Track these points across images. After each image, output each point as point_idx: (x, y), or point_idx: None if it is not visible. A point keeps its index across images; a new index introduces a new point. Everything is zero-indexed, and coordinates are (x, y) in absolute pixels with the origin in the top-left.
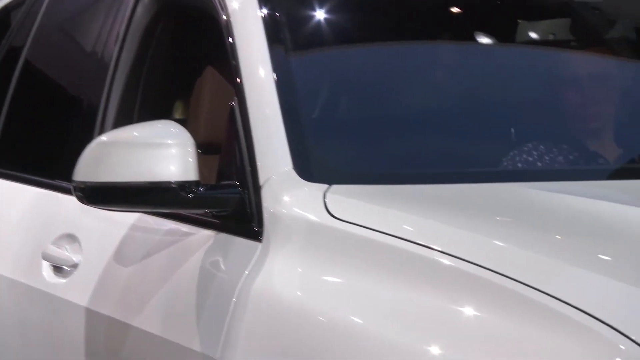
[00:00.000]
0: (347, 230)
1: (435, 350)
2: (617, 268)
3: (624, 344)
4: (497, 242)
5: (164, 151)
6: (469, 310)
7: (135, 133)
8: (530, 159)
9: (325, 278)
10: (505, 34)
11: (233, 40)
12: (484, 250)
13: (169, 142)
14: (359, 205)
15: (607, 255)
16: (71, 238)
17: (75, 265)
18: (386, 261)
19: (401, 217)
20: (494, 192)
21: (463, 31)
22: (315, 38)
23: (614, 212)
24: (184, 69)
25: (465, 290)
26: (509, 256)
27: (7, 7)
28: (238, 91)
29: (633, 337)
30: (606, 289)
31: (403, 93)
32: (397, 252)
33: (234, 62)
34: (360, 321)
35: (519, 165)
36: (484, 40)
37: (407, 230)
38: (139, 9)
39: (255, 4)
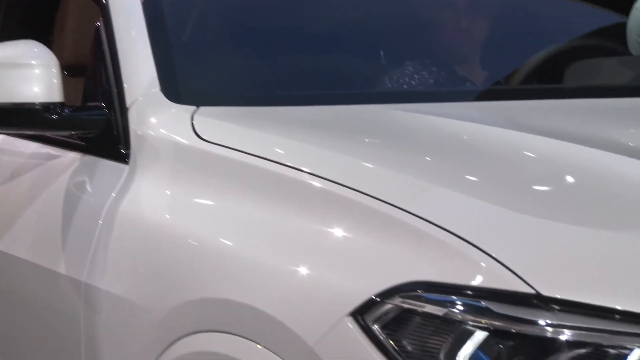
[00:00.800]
0: (215, 152)
1: (303, 270)
2: (481, 188)
3: (485, 262)
4: (364, 164)
5: (27, 72)
6: (337, 231)
7: None
8: (400, 80)
9: (194, 200)
10: None
11: None
12: (351, 171)
13: (33, 62)
14: (227, 127)
15: (471, 175)
16: None
17: None
18: (255, 183)
19: (270, 139)
20: (362, 114)
21: None
22: None
23: (478, 132)
24: None
25: (332, 210)
26: (375, 177)
27: None
28: (104, 11)
29: (494, 255)
30: (469, 208)
31: (272, 16)
32: (265, 173)
33: None
34: (230, 242)
35: (387, 87)
36: None
37: (276, 152)
38: None
39: None
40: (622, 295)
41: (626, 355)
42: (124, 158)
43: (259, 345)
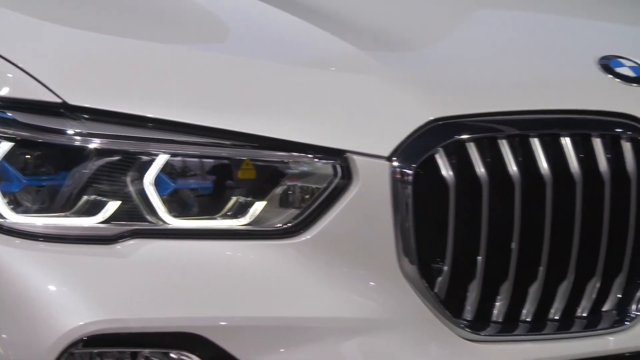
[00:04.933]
0: None
1: None
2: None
3: (12, 72)
4: None
5: None
6: None
7: None
8: None
9: None
10: None
11: None
12: None
13: None
14: None
15: None
16: None
17: None
18: None
19: None
20: None
21: None
22: None
23: None
24: None
25: None
26: None
27: None
28: None
29: (21, 65)
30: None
31: None
32: None
33: None
34: None
35: None
36: None
37: None
38: None
39: None
40: (153, 104)
41: (152, 161)
42: None
43: None
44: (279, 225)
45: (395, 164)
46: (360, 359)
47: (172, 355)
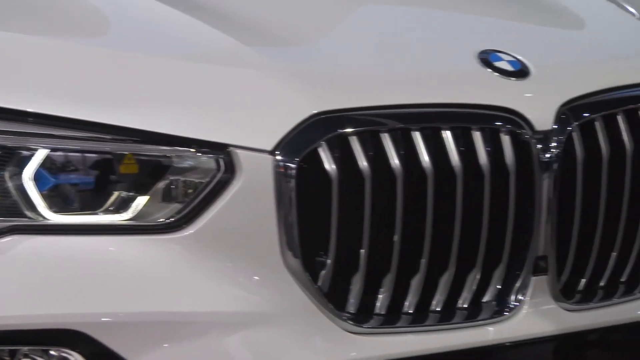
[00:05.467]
0: None
1: None
2: None
3: None
4: None
5: None
6: None
7: None
8: None
9: None
10: None
11: None
12: None
13: None
14: None
15: None
16: None
17: None
18: None
19: None
20: None
21: None
22: None
23: None
24: None
25: None
26: None
27: None
28: None
29: None
30: None
31: None
32: None
33: None
34: None
35: None
36: None
37: None
38: None
39: None
40: (32, 98)
41: (32, 156)
42: None
43: None
44: (161, 220)
45: (279, 157)
46: (244, 352)
47: (52, 352)
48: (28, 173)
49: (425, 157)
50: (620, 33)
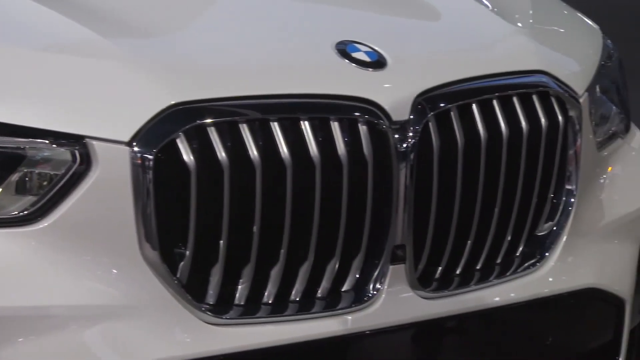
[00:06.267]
0: None
1: None
2: None
3: None
4: None
5: None
6: None
7: None
8: None
9: None
10: None
11: None
12: None
13: None
14: None
15: None
16: None
17: None
18: None
19: None
20: None
21: None
22: None
23: None
24: None
25: None
26: None
27: None
28: None
29: None
30: None
31: None
32: None
33: None
34: None
35: None
36: None
37: None
38: None
39: None
40: None
41: None
42: None
43: None
44: (15, 212)
45: (136, 149)
46: (102, 345)
47: None
48: None
49: (284, 148)
50: (476, 25)
